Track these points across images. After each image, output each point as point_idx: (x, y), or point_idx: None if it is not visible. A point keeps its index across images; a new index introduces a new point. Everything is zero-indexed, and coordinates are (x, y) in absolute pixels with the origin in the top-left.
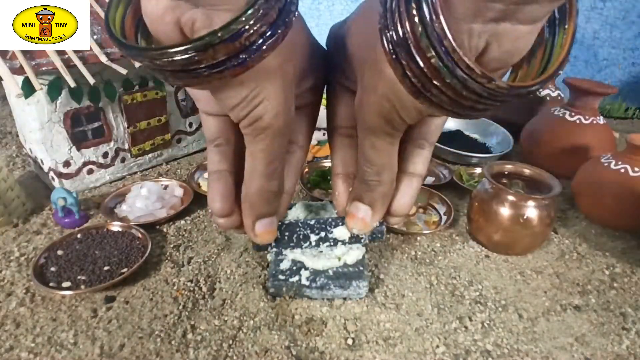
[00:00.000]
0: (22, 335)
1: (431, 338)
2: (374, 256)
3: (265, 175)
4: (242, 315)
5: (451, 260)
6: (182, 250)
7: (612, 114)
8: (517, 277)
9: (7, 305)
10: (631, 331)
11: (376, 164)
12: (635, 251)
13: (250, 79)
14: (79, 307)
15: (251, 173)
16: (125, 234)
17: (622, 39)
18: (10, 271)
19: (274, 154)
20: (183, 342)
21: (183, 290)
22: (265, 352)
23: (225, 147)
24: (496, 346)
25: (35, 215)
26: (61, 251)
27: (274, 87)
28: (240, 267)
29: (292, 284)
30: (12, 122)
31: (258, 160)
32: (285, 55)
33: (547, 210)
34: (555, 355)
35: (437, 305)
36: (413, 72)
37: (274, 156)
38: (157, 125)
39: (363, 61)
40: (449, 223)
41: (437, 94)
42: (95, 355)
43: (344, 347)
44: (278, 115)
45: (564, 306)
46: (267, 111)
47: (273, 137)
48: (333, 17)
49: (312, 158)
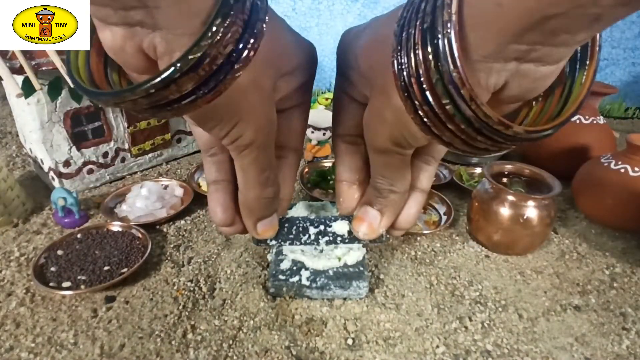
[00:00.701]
0: (22, 335)
1: (431, 338)
2: (374, 256)
3: (258, 185)
4: (242, 315)
5: (451, 260)
6: (182, 250)
7: (612, 114)
8: (517, 277)
9: (7, 305)
10: (631, 331)
11: (389, 177)
12: (635, 251)
13: (224, 101)
14: (79, 307)
15: (244, 184)
16: (125, 234)
17: (622, 39)
18: (10, 271)
19: (262, 165)
20: (183, 342)
21: (183, 290)
22: (265, 352)
23: (220, 156)
24: (496, 346)
25: (35, 215)
26: (61, 251)
27: (251, 104)
28: (241, 267)
29: (292, 284)
30: (12, 122)
31: (248, 173)
32: (260, 68)
33: (547, 210)
34: (555, 355)
35: (437, 305)
36: (425, 113)
37: (263, 167)
38: (157, 125)
39: (374, 84)
40: (449, 223)
41: (449, 136)
42: (95, 355)
43: (344, 347)
44: (258, 131)
45: (564, 306)
46: (247, 129)
47: (257, 151)
48: (333, 16)
49: (312, 158)
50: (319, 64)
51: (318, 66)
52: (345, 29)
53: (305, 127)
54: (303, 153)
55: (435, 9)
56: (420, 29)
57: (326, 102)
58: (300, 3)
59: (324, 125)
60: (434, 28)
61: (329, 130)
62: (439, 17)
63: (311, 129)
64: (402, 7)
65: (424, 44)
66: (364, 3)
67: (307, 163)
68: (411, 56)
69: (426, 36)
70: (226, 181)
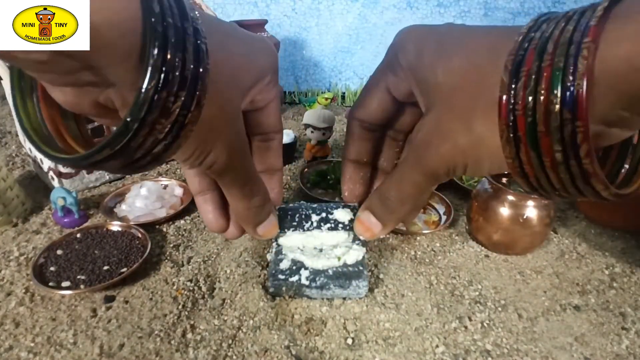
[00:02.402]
0: (22, 335)
1: (431, 338)
2: (373, 256)
3: (244, 198)
4: (242, 315)
5: (451, 260)
6: (181, 250)
7: None
8: (516, 276)
9: (6, 305)
10: (631, 331)
11: (406, 196)
12: (635, 251)
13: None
14: (78, 306)
15: (231, 199)
16: (125, 233)
17: None
18: (9, 271)
19: (243, 179)
20: (183, 342)
21: (183, 290)
22: (265, 352)
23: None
24: (496, 346)
25: (35, 215)
26: (61, 251)
27: (220, 131)
28: (240, 267)
29: (291, 283)
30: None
31: (231, 189)
32: (217, 102)
33: (546, 210)
34: (554, 355)
35: (436, 305)
36: (527, 156)
37: (244, 181)
38: None
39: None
40: (449, 223)
41: (543, 181)
42: (95, 354)
43: (343, 347)
44: (232, 153)
45: (563, 306)
46: (220, 155)
47: (235, 169)
48: (333, 16)
49: (312, 158)
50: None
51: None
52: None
53: (280, 108)
54: (309, 152)
55: (568, 55)
56: (548, 72)
57: (326, 102)
58: (300, 3)
59: (324, 125)
60: (565, 74)
61: (329, 130)
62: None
63: (311, 129)
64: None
65: (551, 88)
66: (364, 3)
67: (307, 163)
68: (528, 98)
69: (556, 81)
70: (211, 190)
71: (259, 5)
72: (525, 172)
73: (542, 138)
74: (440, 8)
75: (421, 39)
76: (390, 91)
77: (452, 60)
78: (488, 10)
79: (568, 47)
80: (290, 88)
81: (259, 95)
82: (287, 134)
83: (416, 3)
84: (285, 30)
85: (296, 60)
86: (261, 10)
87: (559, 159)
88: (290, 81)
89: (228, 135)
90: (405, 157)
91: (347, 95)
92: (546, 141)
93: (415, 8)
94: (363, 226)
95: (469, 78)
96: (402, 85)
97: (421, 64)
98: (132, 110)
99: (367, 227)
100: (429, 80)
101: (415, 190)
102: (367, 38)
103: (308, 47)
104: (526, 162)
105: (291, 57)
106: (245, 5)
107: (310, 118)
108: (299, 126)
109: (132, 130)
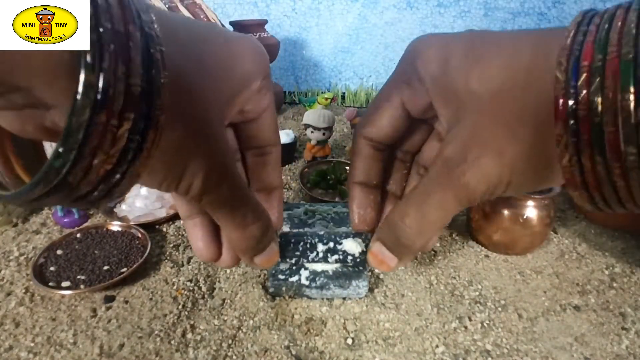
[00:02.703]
0: (22, 335)
1: (431, 338)
2: None
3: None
4: (242, 315)
5: (451, 260)
6: (181, 250)
7: None
8: (516, 277)
9: (6, 305)
10: (630, 331)
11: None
12: (635, 251)
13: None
14: (78, 306)
15: (222, 228)
16: (125, 233)
17: None
18: (9, 271)
19: (231, 205)
20: (182, 342)
21: (183, 290)
22: (264, 352)
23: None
24: (496, 346)
25: (35, 215)
26: (61, 251)
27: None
28: (240, 267)
29: (291, 283)
30: None
31: (219, 217)
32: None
33: (546, 210)
34: (554, 355)
35: (436, 305)
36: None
37: (232, 207)
38: None
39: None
40: (449, 223)
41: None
42: (95, 354)
43: (343, 347)
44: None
45: (563, 306)
46: (195, 178)
47: (217, 194)
48: (333, 16)
49: (312, 158)
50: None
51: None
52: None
53: (276, 117)
54: (309, 152)
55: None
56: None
57: (326, 102)
58: (300, 3)
59: (324, 125)
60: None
61: (329, 130)
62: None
63: (311, 129)
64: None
65: (622, 83)
66: (364, 3)
67: (307, 163)
68: (593, 96)
69: (627, 75)
70: (201, 214)
71: (259, 5)
72: (586, 182)
73: (611, 141)
74: (440, 8)
75: (444, 46)
76: (405, 106)
77: (488, 65)
78: (488, 10)
79: (636, 38)
80: (290, 88)
81: (248, 104)
82: (287, 134)
83: (416, 3)
84: (285, 30)
85: (296, 60)
86: (261, 10)
87: (633, 164)
88: (290, 81)
89: (202, 156)
90: (428, 176)
91: (347, 95)
92: (617, 144)
93: (415, 8)
94: (377, 260)
95: (513, 81)
96: (419, 99)
97: (447, 73)
98: (64, 139)
99: (381, 260)
100: (459, 89)
101: (440, 215)
102: (367, 38)
103: (308, 47)
104: (589, 170)
105: (291, 57)
106: (245, 5)
107: (310, 118)
108: (299, 126)
109: (68, 163)
